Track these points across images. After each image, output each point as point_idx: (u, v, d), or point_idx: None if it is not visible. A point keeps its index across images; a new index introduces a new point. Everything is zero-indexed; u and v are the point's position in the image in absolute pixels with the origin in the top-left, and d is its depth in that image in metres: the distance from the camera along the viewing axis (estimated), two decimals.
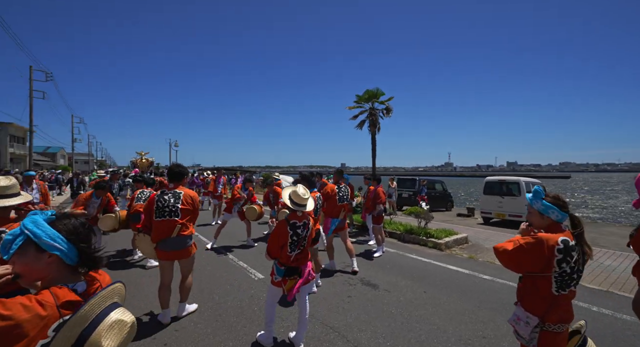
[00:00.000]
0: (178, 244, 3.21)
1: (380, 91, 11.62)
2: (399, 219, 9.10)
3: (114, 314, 1.01)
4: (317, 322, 3.34)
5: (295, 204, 2.65)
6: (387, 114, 11.76)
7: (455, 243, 7.03)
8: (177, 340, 2.92)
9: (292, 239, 2.63)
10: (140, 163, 25.97)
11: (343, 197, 4.93)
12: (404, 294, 4.16)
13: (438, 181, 16.88)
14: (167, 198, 3.24)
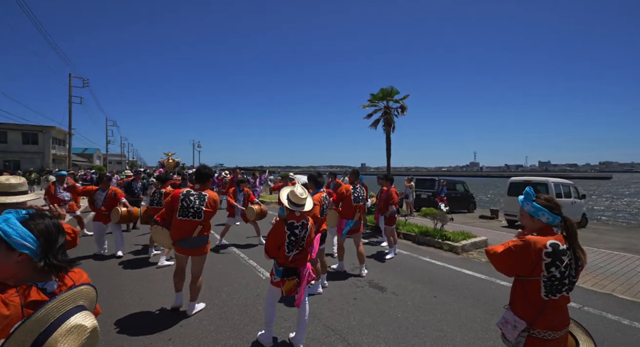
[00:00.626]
0: (196, 243, 3.39)
1: (395, 90, 11.37)
2: (414, 221, 8.85)
3: (74, 318, 0.99)
4: (319, 323, 3.31)
5: (292, 203, 2.64)
6: (402, 112, 11.47)
7: (473, 246, 6.72)
8: (181, 336, 3.01)
9: (290, 239, 2.62)
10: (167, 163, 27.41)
11: (358, 198, 4.83)
12: (413, 298, 4.02)
13: (459, 181, 16.26)
14: (193, 199, 3.33)
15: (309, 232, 2.71)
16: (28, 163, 29.85)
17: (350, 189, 4.84)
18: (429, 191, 14.19)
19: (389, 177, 6.34)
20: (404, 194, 11.72)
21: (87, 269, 4.59)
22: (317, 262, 4.10)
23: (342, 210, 4.85)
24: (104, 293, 4.02)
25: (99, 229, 5.78)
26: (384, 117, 11.59)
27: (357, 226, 4.93)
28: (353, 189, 4.86)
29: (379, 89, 11.56)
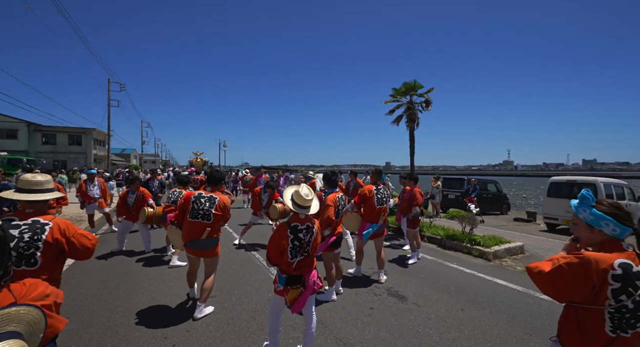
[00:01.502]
0: (205, 245, 3.41)
1: (419, 83, 10.67)
2: (440, 223, 8.28)
3: None
4: (330, 335, 3.05)
5: (296, 205, 2.40)
6: (426, 107, 10.77)
7: (507, 253, 6.10)
8: (185, 342, 2.89)
9: (294, 244, 2.38)
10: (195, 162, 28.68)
11: (382, 200, 4.47)
12: (437, 311, 3.63)
13: (491, 180, 15.16)
14: (203, 202, 3.38)
15: (314, 236, 2.46)
16: (74, 163, 32.41)
17: (373, 190, 4.49)
18: (457, 191, 13.35)
19: (412, 176, 5.91)
20: (431, 194, 11.08)
21: (108, 265, 4.63)
22: (332, 267, 3.84)
23: (364, 213, 4.52)
24: (120, 291, 4.06)
25: (124, 226, 5.97)
26: (407, 112, 10.98)
27: (381, 230, 4.58)
28: (376, 190, 4.51)
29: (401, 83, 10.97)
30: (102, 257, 5.51)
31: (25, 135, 31.78)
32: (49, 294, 1.17)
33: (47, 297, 1.16)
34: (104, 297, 3.83)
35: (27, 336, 1.00)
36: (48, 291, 1.18)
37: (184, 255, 5.42)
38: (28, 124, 31.61)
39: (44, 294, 1.15)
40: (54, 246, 1.80)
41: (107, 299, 3.78)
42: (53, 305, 1.20)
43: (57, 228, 1.84)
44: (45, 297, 1.16)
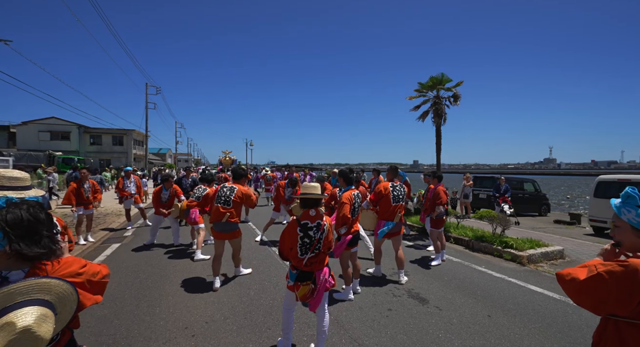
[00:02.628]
0: (226, 228, 4.09)
1: (447, 77, 10.11)
2: (469, 223, 7.84)
3: (12, 314, 0.93)
4: (345, 335, 3.00)
5: (303, 193, 2.43)
6: (454, 102, 10.19)
7: (544, 257, 5.62)
8: (204, 333, 2.99)
9: (303, 241, 2.36)
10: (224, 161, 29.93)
11: (398, 197, 4.36)
12: (460, 315, 3.43)
13: (529, 179, 14.10)
14: (225, 190, 4.16)
15: (325, 233, 2.42)
16: (116, 161, 35.17)
17: (388, 187, 4.37)
18: (489, 190, 12.57)
19: (437, 174, 5.65)
20: (463, 193, 10.50)
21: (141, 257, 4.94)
22: (348, 265, 3.78)
23: (380, 210, 4.42)
24: (149, 281, 4.31)
25: (156, 221, 6.35)
26: (433, 108, 10.49)
27: (397, 229, 4.45)
28: (392, 188, 4.38)
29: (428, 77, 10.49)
30: (136, 250, 5.90)
31: (77, 137, 35.03)
32: (81, 273, 1.21)
33: (80, 275, 1.20)
34: (135, 287, 4.09)
35: (58, 307, 1.06)
36: (82, 270, 1.22)
37: (206, 250, 5.68)
38: (79, 126, 34.79)
39: (75, 272, 1.19)
40: None
41: (137, 289, 4.03)
42: (86, 283, 1.23)
43: None
44: (77, 275, 1.20)
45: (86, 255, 5.59)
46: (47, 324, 0.97)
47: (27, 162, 21.61)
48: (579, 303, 1.24)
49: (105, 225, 8.24)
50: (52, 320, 1.00)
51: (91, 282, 1.25)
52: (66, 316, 1.11)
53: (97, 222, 8.46)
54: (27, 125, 33.34)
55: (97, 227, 7.80)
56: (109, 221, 8.78)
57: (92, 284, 1.25)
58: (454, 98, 10.31)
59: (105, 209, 10.77)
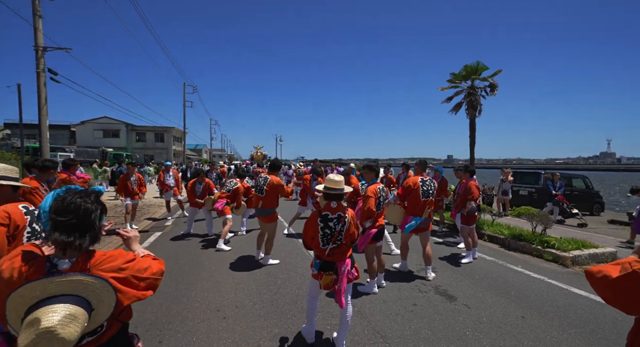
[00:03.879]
0: (262, 213, 4.72)
1: (483, 65, 9.38)
2: (505, 221, 7.38)
3: (43, 309, 0.93)
4: (369, 326, 3.03)
5: (327, 188, 2.48)
6: (491, 92, 9.47)
7: (591, 259, 5.15)
8: (234, 316, 3.20)
9: (324, 232, 2.41)
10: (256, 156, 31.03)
11: (428, 192, 4.25)
12: (491, 315, 3.29)
13: (579, 175, 12.84)
14: (260, 180, 4.75)
15: (347, 226, 2.45)
16: (158, 157, 37.92)
17: (418, 182, 4.26)
18: (531, 187, 11.67)
19: (469, 169, 5.37)
20: (502, 189, 9.84)
21: (180, 245, 5.38)
22: (373, 259, 3.78)
23: (408, 205, 4.34)
24: (186, 267, 4.67)
25: (192, 213, 6.80)
26: (467, 99, 9.86)
27: (425, 224, 4.34)
28: (422, 182, 4.27)
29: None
30: (175, 238, 6.39)
31: (125, 134, 38.32)
32: (125, 268, 1.16)
33: (122, 270, 1.16)
34: (174, 272, 4.45)
35: (94, 303, 1.04)
36: (125, 265, 1.17)
37: (236, 241, 5.97)
38: (126, 125, 37.99)
39: (117, 267, 1.15)
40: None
41: (176, 274, 4.39)
42: (131, 278, 1.17)
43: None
44: (120, 270, 1.15)
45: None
46: (74, 326, 0.94)
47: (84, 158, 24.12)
48: (610, 302, 1.16)
49: (148, 215, 9.00)
50: (82, 320, 0.98)
51: (138, 278, 1.19)
52: (104, 312, 1.07)
53: (142, 212, 9.26)
54: (84, 125, 37.09)
55: (141, 217, 8.55)
56: (152, 211, 9.56)
57: (140, 279, 1.20)
58: (490, 88, 9.61)
59: (148, 201, 11.73)
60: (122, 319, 1.26)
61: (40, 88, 9.21)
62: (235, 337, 2.80)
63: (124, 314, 1.26)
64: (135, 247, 1.45)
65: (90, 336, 1.11)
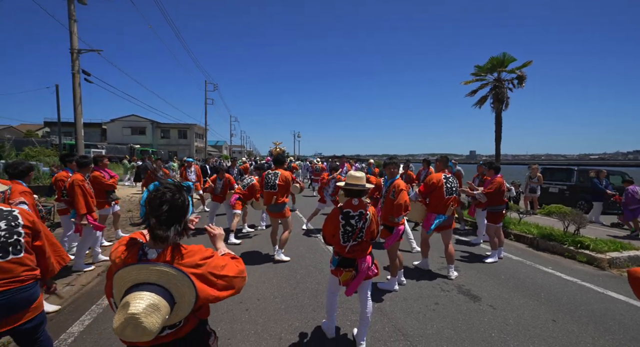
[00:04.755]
0: (275, 209, 4.68)
1: (510, 57, 8.83)
2: (533, 220, 7.03)
3: (132, 294, 1.00)
4: (389, 323, 3.00)
5: (348, 184, 2.46)
6: (519, 84, 8.91)
7: (631, 262, 4.81)
8: (256, 308, 3.28)
9: (345, 228, 2.40)
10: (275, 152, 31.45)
11: (451, 190, 4.13)
12: (518, 317, 3.16)
13: (616, 171, 11.94)
14: (271, 176, 4.68)
15: (368, 223, 2.42)
16: (181, 153, 39.35)
17: (442, 179, 4.14)
18: (563, 184, 11.00)
19: (494, 165, 5.14)
20: (530, 187, 9.33)
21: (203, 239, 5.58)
22: (396, 257, 3.73)
23: (430, 203, 4.23)
24: None
25: (213, 207, 7.01)
26: (493, 92, 9.37)
27: (448, 222, 4.22)
28: (445, 179, 4.15)
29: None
30: (198, 233, 6.62)
31: (151, 132, 40.02)
32: (201, 264, 1.17)
33: (199, 267, 1.16)
34: None
35: (176, 297, 1.08)
36: (202, 262, 1.19)
37: (252, 239, 6.08)
38: (152, 122, 39.65)
39: (195, 263, 1.16)
40: (30, 229, 1.82)
41: None
42: (207, 275, 1.17)
43: (24, 213, 1.84)
44: (197, 266, 1.16)
45: None
46: (156, 316, 0.98)
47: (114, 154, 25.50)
48: None
49: None
50: (164, 312, 1.01)
51: (215, 275, 1.19)
52: (185, 306, 1.09)
53: None
54: (114, 123, 39.09)
55: None
56: None
57: (217, 277, 1.20)
58: (518, 80, 9.06)
59: None
60: (199, 315, 1.27)
61: (75, 88, 9.78)
62: (257, 329, 2.87)
63: (202, 311, 1.28)
64: (219, 245, 1.50)
65: (170, 329, 1.15)
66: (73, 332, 2.80)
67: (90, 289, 3.74)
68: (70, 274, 4.06)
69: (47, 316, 3.03)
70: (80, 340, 2.69)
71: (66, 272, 4.06)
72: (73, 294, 3.55)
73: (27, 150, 16.21)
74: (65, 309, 3.23)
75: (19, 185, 3.10)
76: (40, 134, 34.48)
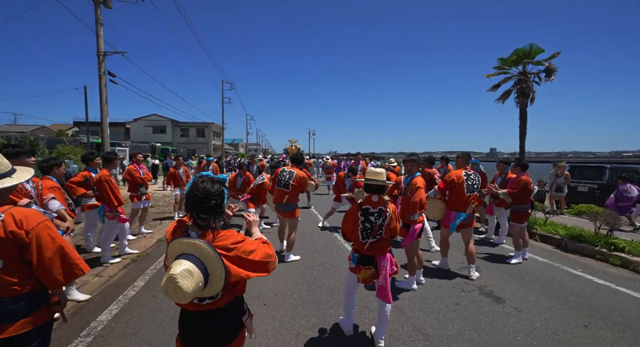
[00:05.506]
0: (286, 208, 4.53)
1: (537, 48, 8.27)
2: (561, 220, 6.68)
3: (175, 261, 1.23)
4: (408, 322, 2.94)
5: (367, 179, 2.42)
6: (548, 76, 8.39)
7: None
8: (274, 303, 3.31)
9: (364, 225, 2.36)
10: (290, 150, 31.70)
11: (472, 187, 4.01)
12: (545, 321, 3.01)
13: None
14: (285, 174, 4.52)
15: (388, 220, 2.37)
16: (200, 151, 40.41)
17: (462, 176, 4.02)
18: (593, 183, 10.39)
19: (521, 162, 4.87)
20: (556, 185, 8.86)
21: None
22: (414, 255, 3.66)
23: (450, 200, 4.11)
24: None
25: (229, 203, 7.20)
26: (517, 86, 8.90)
27: (469, 220, 4.10)
28: (466, 176, 4.02)
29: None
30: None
31: (170, 130, 41.33)
32: (232, 248, 1.32)
33: (230, 250, 1.31)
34: None
35: (209, 269, 1.24)
36: (233, 246, 1.34)
37: (268, 236, 6.14)
38: (172, 121, 40.93)
39: (226, 246, 1.31)
40: (11, 241, 1.45)
41: None
42: (236, 258, 1.32)
43: (11, 220, 1.47)
44: (228, 249, 1.31)
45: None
46: (189, 280, 1.16)
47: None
48: None
49: None
50: (197, 279, 1.19)
51: (242, 258, 1.33)
52: (218, 280, 1.26)
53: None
54: (136, 122, 40.66)
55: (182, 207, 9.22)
56: None
57: (244, 260, 1.34)
58: (546, 73, 8.54)
59: None
60: (235, 292, 1.43)
61: (101, 89, 10.23)
62: (275, 324, 2.89)
63: (237, 288, 1.44)
64: (254, 230, 1.66)
65: (210, 299, 1.35)
66: (102, 321, 2.93)
67: (117, 280, 3.91)
68: (100, 264, 4.29)
69: (79, 304, 3.21)
70: (109, 328, 2.82)
71: (95, 264, 4.27)
72: (101, 285, 3.72)
73: (59, 148, 17.19)
74: (95, 298, 3.39)
75: (49, 180, 3.28)
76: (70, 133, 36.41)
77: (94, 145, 20.33)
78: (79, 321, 2.93)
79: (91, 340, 2.63)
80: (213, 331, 1.37)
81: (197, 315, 1.37)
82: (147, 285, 3.75)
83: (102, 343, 2.60)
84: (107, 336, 2.69)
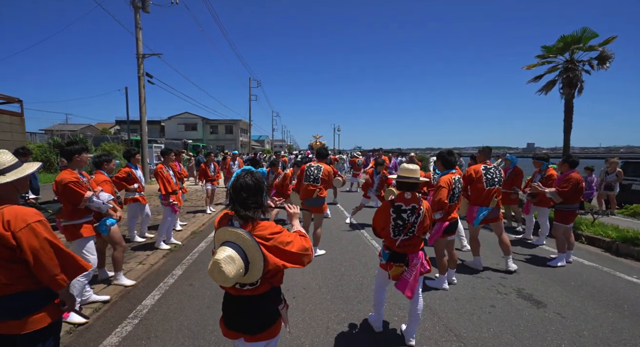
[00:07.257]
0: (315, 202, 4.53)
1: (590, 32, 7.40)
2: (612, 221, 6.10)
3: (220, 247, 1.33)
4: (440, 323, 2.87)
5: (400, 177, 2.38)
6: (600, 64, 7.51)
7: None
8: (303, 297, 3.37)
9: (396, 222, 2.31)
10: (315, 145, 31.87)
11: (493, 180, 3.90)
12: (594, 329, 2.79)
13: None
14: (313, 170, 4.57)
15: (421, 218, 2.31)
16: (228, 148, 41.90)
17: (480, 170, 3.93)
18: None
19: (569, 159, 4.43)
20: (606, 183, 8.07)
21: None
22: (443, 254, 3.55)
23: (472, 195, 4.02)
24: None
25: None
26: (563, 75, 8.12)
27: (495, 214, 4.00)
28: (485, 170, 3.92)
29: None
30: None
31: (201, 128, 43.19)
32: (269, 238, 1.38)
33: (268, 240, 1.37)
34: None
35: (249, 257, 1.31)
36: (270, 236, 1.39)
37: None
38: (202, 119, 42.73)
39: (264, 236, 1.37)
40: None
41: None
42: (273, 248, 1.38)
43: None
44: (266, 239, 1.37)
45: (210, 223, 6.98)
46: (231, 265, 1.25)
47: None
48: None
49: (216, 200, 10.05)
50: (238, 265, 1.27)
51: (279, 248, 1.38)
52: (257, 267, 1.32)
53: (218, 197, 10.37)
54: (170, 120, 42.95)
55: (218, 201, 9.60)
56: (220, 197, 10.65)
57: (280, 251, 1.39)
58: (599, 60, 7.64)
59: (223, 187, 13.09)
60: (273, 282, 1.48)
61: (140, 90, 10.92)
62: (304, 317, 2.96)
63: (275, 279, 1.49)
64: (294, 222, 1.74)
65: (250, 286, 1.44)
66: (147, 305, 3.17)
67: (157, 268, 4.20)
68: (144, 251, 4.70)
69: (126, 289, 3.49)
70: (152, 312, 3.04)
71: (138, 252, 4.62)
72: (144, 272, 4.02)
73: (102, 145, 18.66)
74: (139, 284, 3.67)
75: (101, 175, 3.58)
76: (113, 131, 39.34)
77: (134, 142, 21.79)
78: (127, 304, 3.19)
79: (138, 322, 2.86)
80: (252, 315, 1.45)
81: (239, 300, 1.46)
82: (185, 274, 3.98)
83: (147, 325, 2.81)
84: (151, 319, 2.91)
